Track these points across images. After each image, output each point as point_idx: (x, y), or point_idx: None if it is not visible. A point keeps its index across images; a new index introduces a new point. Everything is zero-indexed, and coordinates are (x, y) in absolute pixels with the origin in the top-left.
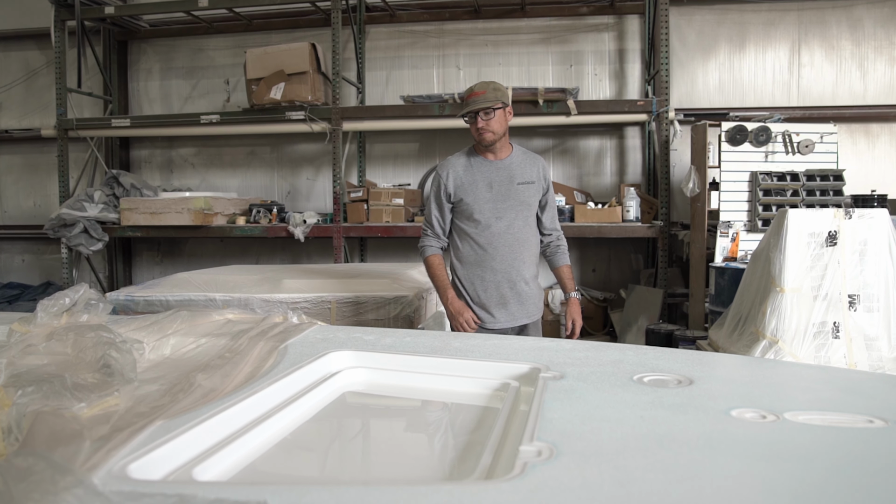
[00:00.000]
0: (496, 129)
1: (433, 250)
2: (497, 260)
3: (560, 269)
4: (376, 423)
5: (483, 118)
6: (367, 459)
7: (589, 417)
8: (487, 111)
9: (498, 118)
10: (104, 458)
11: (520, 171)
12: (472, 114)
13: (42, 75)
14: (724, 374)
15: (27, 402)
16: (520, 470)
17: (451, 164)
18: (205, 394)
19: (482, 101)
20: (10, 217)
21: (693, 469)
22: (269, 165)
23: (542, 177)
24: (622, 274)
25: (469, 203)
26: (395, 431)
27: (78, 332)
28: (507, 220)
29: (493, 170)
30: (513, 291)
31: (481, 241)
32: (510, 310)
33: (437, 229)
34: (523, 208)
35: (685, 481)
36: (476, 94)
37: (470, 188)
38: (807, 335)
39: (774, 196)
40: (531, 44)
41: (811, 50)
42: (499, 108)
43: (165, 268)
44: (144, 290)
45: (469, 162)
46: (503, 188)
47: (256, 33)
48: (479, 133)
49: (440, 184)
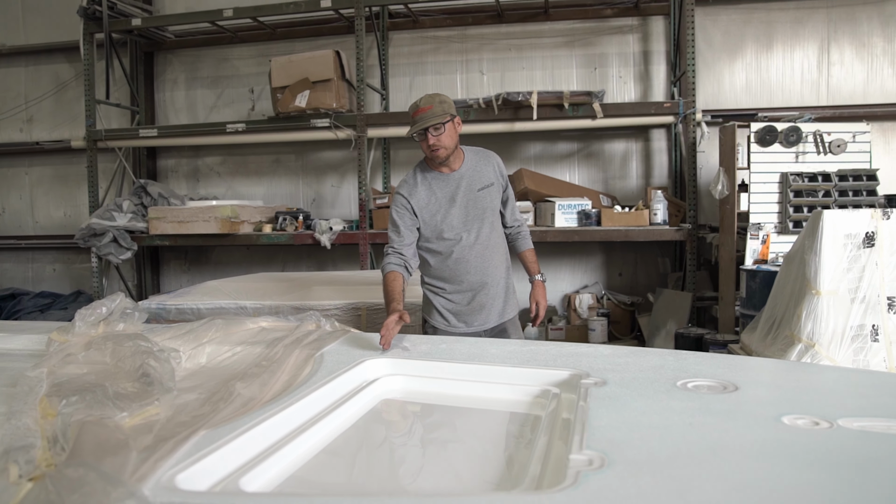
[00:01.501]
0: (447, 144)
1: (392, 267)
2: (471, 272)
3: (523, 254)
4: (417, 431)
5: (433, 134)
6: (411, 469)
7: (636, 425)
8: (437, 126)
9: (448, 132)
10: (152, 469)
11: (477, 176)
12: (421, 132)
13: (71, 88)
14: (770, 380)
15: (71, 412)
16: (572, 480)
17: (409, 186)
18: (244, 403)
19: (430, 118)
20: (41, 227)
21: (749, 478)
22: (293, 173)
23: (499, 174)
24: (649, 278)
25: (437, 222)
26: (436, 440)
27: (116, 342)
28: (475, 231)
29: (451, 183)
30: (488, 296)
31: (454, 255)
32: (488, 312)
33: (399, 247)
34: (488, 214)
35: (742, 490)
36: (422, 111)
37: (434, 208)
38: (844, 338)
39: (806, 197)
40: (555, 47)
41: (841, 48)
42: (447, 121)
43: (193, 276)
44: (175, 298)
45: (426, 181)
46: (466, 199)
47: (280, 42)
48: (432, 151)
49: (403, 206)
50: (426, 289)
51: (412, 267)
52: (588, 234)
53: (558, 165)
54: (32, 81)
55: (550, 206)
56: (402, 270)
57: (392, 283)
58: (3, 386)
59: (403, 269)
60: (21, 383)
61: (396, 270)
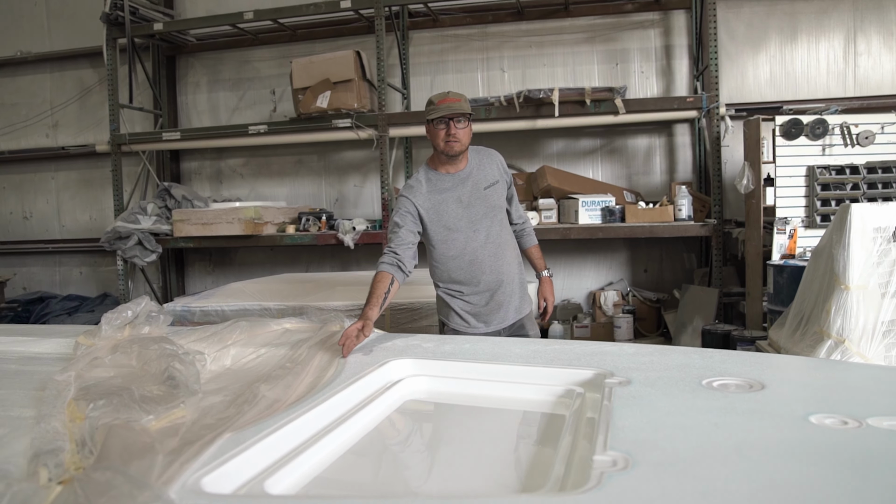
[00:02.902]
0: (464, 140)
1: (383, 266)
2: (486, 272)
3: (529, 251)
4: (441, 432)
5: (456, 125)
6: (435, 470)
7: (661, 425)
8: (460, 119)
9: (467, 129)
10: (178, 472)
11: (482, 175)
12: (444, 119)
13: (95, 92)
14: (796, 378)
15: (99, 416)
16: (596, 481)
17: (415, 190)
18: (269, 405)
19: (458, 108)
20: (68, 231)
21: (776, 478)
22: (316, 173)
23: (503, 171)
24: (674, 274)
25: (446, 225)
26: (460, 441)
27: (142, 345)
28: (484, 230)
29: (457, 184)
30: (505, 294)
31: (467, 257)
32: (507, 310)
33: (396, 247)
34: (496, 212)
35: (769, 491)
36: (451, 100)
37: (442, 210)
38: (875, 334)
39: (833, 190)
40: (576, 43)
41: (868, 37)
42: (470, 118)
43: (217, 277)
44: (200, 300)
45: (432, 183)
46: (473, 199)
47: (300, 43)
48: (448, 141)
49: (406, 209)
50: (442, 292)
51: (407, 268)
52: (612, 231)
53: (581, 162)
54: (57, 87)
55: (574, 202)
56: (394, 270)
57: (377, 285)
58: (33, 390)
59: (396, 269)
60: (49, 387)
61: (387, 270)
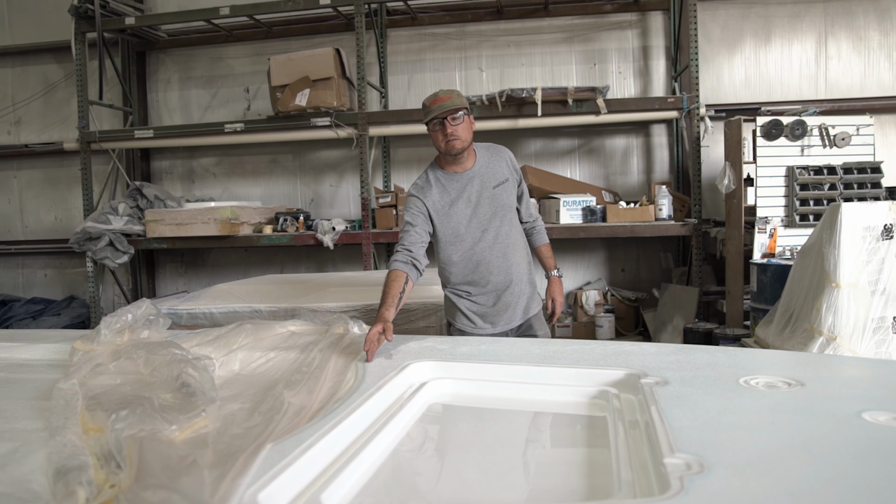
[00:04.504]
0: (463, 136)
1: (397, 265)
2: (494, 273)
3: (539, 249)
4: (480, 436)
5: (451, 123)
6: (489, 476)
7: (718, 425)
8: (455, 116)
9: (465, 124)
10: (231, 488)
11: (491, 173)
12: (438, 120)
13: (60, 89)
14: (832, 375)
15: (123, 427)
16: (679, 486)
17: (425, 191)
18: (296, 412)
19: (449, 105)
20: (31, 232)
21: (861, 478)
22: (291, 173)
23: (513, 169)
24: (651, 273)
25: (454, 226)
26: (503, 445)
27: (149, 350)
28: (493, 230)
29: (465, 183)
30: (513, 295)
31: (475, 258)
32: (515, 310)
33: (409, 245)
34: (505, 211)
35: (860, 493)
36: (441, 100)
37: (451, 211)
38: (866, 331)
39: (811, 190)
40: (554, 43)
41: (838, 42)
42: (464, 112)
43: (189, 279)
44: (186, 302)
45: (440, 182)
46: (482, 199)
47: (276, 40)
48: (447, 141)
49: (417, 208)
50: (449, 292)
51: (421, 265)
52: (593, 231)
53: (559, 162)
54: (20, 83)
55: (555, 202)
56: (409, 268)
57: (392, 284)
58: (33, 399)
59: (410, 267)
60: (55, 396)
61: (401, 269)
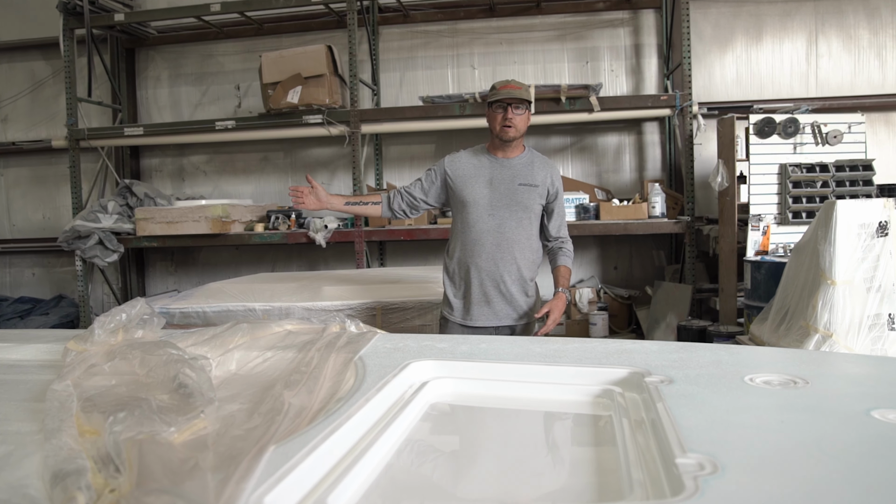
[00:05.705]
0: (520, 126)
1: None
2: (483, 258)
3: (557, 269)
4: (484, 435)
5: (513, 111)
6: (496, 476)
7: (727, 424)
8: (518, 106)
9: (524, 117)
10: (236, 491)
11: (525, 172)
12: (502, 103)
13: (48, 86)
14: (835, 372)
15: (121, 430)
16: (693, 487)
17: (457, 156)
18: (297, 413)
19: (517, 94)
20: (18, 231)
21: (877, 478)
22: (282, 171)
23: (551, 182)
24: (644, 271)
25: (465, 196)
26: (506, 444)
27: (144, 350)
28: (498, 219)
29: (497, 167)
30: (497, 291)
31: (471, 235)
32: (494, 309)
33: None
34: (519, 209)
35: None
36: (512, 87)
37: (469, 180)
38: (861, 328)
39: (804, 188)
40: (546, 41)
41: (828, 40)
42: (529, 105)
43: (179, 278)
44: (179, 301)
45: (476, 157)
46: (502, 187)
47: (267, 37)
48: (503, 126)
49: (437, 171)
50: (444, 276)
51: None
52: (587, 228)
53: (552, 159)
54: (6, 80)
55: None
56: (384, 198)
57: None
58: (26, 401)
59: (386, 198)
60: (49, 398)
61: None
